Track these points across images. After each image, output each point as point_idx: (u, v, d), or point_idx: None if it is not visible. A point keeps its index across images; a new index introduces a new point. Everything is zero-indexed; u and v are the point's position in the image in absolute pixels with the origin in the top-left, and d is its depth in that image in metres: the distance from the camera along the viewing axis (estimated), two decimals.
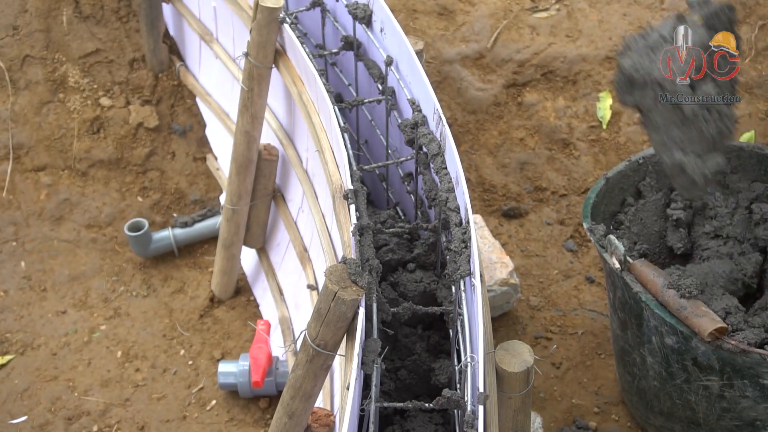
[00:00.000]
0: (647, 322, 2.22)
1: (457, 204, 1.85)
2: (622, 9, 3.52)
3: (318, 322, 1.62)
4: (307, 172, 2.59)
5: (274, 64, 2.50)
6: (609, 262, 2.25)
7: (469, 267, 1.71)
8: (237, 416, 2.74)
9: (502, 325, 2.98)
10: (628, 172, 2.58)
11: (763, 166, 2.56)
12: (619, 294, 2.33)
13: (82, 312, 3.08)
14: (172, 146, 3.46)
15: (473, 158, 3.44)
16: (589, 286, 3.13)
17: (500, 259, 2.93)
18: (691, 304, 2.10)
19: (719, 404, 2.18)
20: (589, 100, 3.44)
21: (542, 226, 3.34)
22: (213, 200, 3.42)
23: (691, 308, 2.10)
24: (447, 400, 1.55)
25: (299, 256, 2.69)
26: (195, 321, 3.03)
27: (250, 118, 2.61)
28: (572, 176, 3.40)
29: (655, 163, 2.59)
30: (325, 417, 1.83)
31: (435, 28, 3.49)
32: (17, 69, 3.38)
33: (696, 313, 2.08)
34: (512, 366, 1.65)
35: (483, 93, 3.46)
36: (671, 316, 2.12)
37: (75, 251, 3.27)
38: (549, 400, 2.76)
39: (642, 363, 2.35)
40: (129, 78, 3.46)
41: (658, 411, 2.41)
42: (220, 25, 3.01)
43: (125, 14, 3.48)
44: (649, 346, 2.26)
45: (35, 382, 2.83)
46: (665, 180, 2.60)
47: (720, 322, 2.05)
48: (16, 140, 3.36)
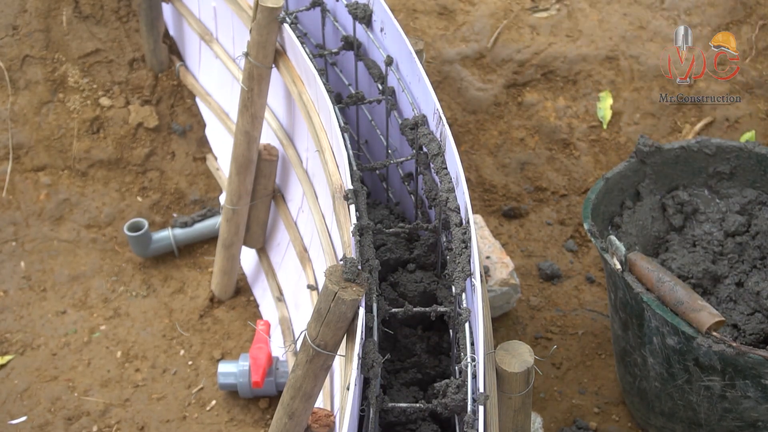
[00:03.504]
0: (648, 322, 2.21)
1: (457, 204, 1.84)
2: (622, 9, 3.52)
3: (318, 322, 1.62)
4: (307, 172, 2.59)
5: (274, 64, 2.50)
6: (610, 262, 2.25)
7: (469, 267, 1.71)
8: (237, 416, 2.74)
9: (502, 325, 2.97)
10: (628, 173, 2.58)
11: (762, 166, 2.56)
12: (620, 294, 2.32)
13: (81, 312, 3.08)
14: (171, 146, 3.46)
15: (473, 158, 3.43)
16: (589, 286, 3.13)
17: (500, 259, 2.92)
18: (688, 296, 2.09)
19: (721, 404, 2.18)
20: (590, 100, 3.44)
21: (542, 226, 3.34)
22: (213, 200, 3.41)
23: (688, 302, 2.09)
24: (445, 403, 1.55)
25: (299, 256, 2.68)
26: (195, 321, 3.03)
27: (250, 118, 2.61)
28: (572, 176, 3.40)
29: (653, 163, 2.59)
30: (325, 417, 1.82)
31: (435, 28, 3.49)
32: (17, 69, 3.37)
33: (693, 308, 2.07)
34: (512, 366, 1.65)
35: (483, 93, 3.45)
36: (673, 316, 2.11)
37: (75, 251, 3.27)
38: (549, 400, 2.76)
39: (643, 364, 2.35)
40: (129, 78, 3.46)
41: (659, 412, 2.41)
42: (220, 25, 3.01)
43: (125, 14, 3.48)
44: (650, 346, 2.26)
45: (35, 382, 2.83)
46: (664, 181, 2.60)
47: (718, 315, 2.05)
48: (16, 140, 3.35)
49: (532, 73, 3.45)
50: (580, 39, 3.48)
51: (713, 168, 2.60)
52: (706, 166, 2.60)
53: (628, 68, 3.45)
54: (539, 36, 3.49)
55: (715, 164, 2.60)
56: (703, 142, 2.59)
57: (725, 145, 2.59)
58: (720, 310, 2.33)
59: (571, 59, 3.45)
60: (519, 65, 3.46)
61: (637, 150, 2.55)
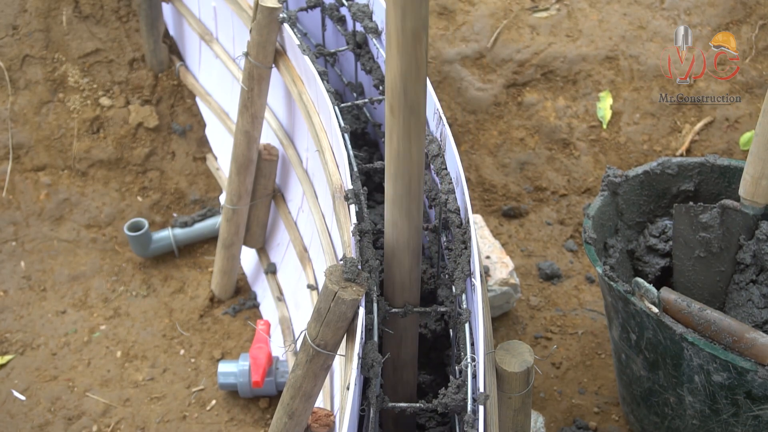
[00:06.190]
0: (688, 361, 2.10)
1: (457, 205, 1.84)
2: (622, 9, 3.52)
3: (318, 322, 1.62)
4: (307, 172, 2.59)
5: (274, 64, 2.50)
6: (640, 306, 2.14)
7: (469, 267, 1.71)
8: (237, 416, 2.74)
9: (502, 325, 2.97)
10: (604, 207, 2.47)
11: (726, 178, 2.49)
12: (648, 335, 2.20)
13: (81, 312, 3.08)
14: (171, 146, 3.46)
15: (473, 158, 3.43)
16: (589, 285, 3.13)
17: (500, 259, 2.93)
18: (739, 326, 1.99)
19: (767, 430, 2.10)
20: (589, 100, 3.44)
21: (542, 226, 3.34)
22: (213, 200, 3.41)
23: (739, 333, 1.98)
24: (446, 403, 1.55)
25: (299, 256, 2.69)
26: (195, 321, 3.03)
27: (250, 118, 2.61)
28: (572, 176, 3.40)
29: (623, 192, 2.51)
30: (325, 417, 1.82)
31: (435, 27, 3.49)
32: (17, 69, 3.37)
33: (749, 341, 1.97)
34: (512, 366, 1.65)
35: (483, 93, 3.45)
36: (725, 353, 2.00)
37: (75, 251, 3.27)
38: (549, 400, 2.76)
39: (678, 403, 2.23)
40: (129, 78, 3.46)
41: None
42: (220, 24, 3.01)
43: (125, 14, 3.48)
44: (690, 385, 2.14)
45: (35, 382, 2.83)
46: (632, 209, 2.51)
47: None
48: (16, 140, 3.35)
49: (532, 73, 3.45)
50: (580, 39, 3.48)
51: (677, 188, 2.53)
52: (669, 187, 2.53)
53: (627, 68, 3.45)
54: (539, 36, 3.49)
55: (679, 183, 2.52)
56: (665, 163, 2.51)
57: (686, 162, 2.51)
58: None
59: (571, 59, 3.45)
60: (519, 65, 3.46)
61: (608, 183, 2.46)
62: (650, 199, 2.54)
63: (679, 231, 2.40)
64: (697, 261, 2.40)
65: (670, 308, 2.12)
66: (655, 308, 2.11)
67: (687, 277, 2.43)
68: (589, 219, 2.39)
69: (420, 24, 1.34)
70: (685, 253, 2.41)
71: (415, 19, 1.32)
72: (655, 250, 2.49)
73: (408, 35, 1.34)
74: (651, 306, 2.11)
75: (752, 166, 2.21)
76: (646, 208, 2.55)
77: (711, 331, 2.04)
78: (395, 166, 1.54)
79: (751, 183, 2.23)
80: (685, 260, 2.42)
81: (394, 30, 1.34)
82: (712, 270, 2.38)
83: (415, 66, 1.38)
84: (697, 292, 2.42)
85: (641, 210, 2.54)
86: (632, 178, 2.50)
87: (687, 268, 2.42)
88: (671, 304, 2.10)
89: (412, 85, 1.41)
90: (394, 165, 1.54)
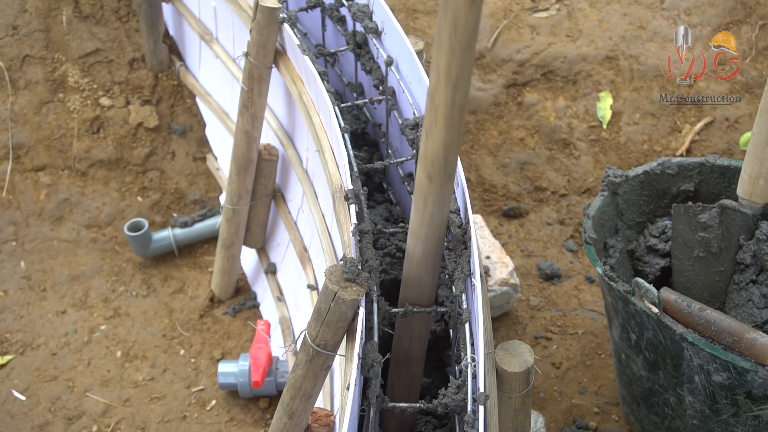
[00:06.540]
0: (688, 361, 2.10)
1: (457, 205, 1.85)
2: (622, 9, 3.52)
3: (318, 322, 1.62)
4: (307, 172, 2.59)
5: (274, 64, 2.50)
6: (641, 306, 2.14)
7: (469, 267, 1.71)
8: (237, 416, 2.74)
9: (502, 325, 2.97)
10: (604, 207, 2.46)
11: (726, 178, 2.49)
12: (648, 335, 2.20)
13: (82, 312, 3.08)
14: (171, 146, 3.46)
15: (473, 158, 3.44)
16: (589, 285, 3.13)
17: (500, 259, 2.93)
18: (739, 326, 1.98)
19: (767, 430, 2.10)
20: (589, 100, 3.44)
21: (542, 226, 3.34)
22: (213, 200, 3.41)
23: (739, 333, 1.98)
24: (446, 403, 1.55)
25: (299, 256, 2.69)
26: (195, 321, 3.03)
27: (250, 118, 2.61)
28: (572, 176, 3.40)
29: (623, 192, 2.51)
30: (325, 417, 1.82)
31: (435, 27, 3.49)
32: (17, 69, 3.37)
33: (746, 341, 1.96)
34: (512, 366, 1.65)
35: (483, 93, 3.45)
36: (725, 353, 2.00)
37: (75, 251, 3.27)
38: (549, 400, 2.76)
39: (678, 403, 2.23)
40: (129, 78, 3.46)
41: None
42: (220, 25, 3.01)
43: (125, 14, 3.48)
44: (690, 385, 2.14)
45: (35, 382, 2.83)
46: (633, 209, 2.50)
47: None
48: (16, 140, 3.35)
49: (532, 73, 3.45)
50: (580, 39, 3.48)
51: (677, 188, 2.53)
52: (669, 187, 2.53)
53: (627, 68, 3.45)
54: (539, 36, 3.49)
55: (679, 183, 2.52)
56: (665, 163, 2.50)
57: (686, 162, 2.51)
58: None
59: (571, 59, 3.45)
60: (519, 65, 3.46)
61: (608, 183, 2.46)
62: (650, 199, 2.54)
63: (678, 231, 2.40)
64: (696, 261, 2.40)
65: (670, 308, 2.11)
66: (655, 308, 2.11)
67: (686, 277, 2.43)
68: (589, 219, 2.39)
69: (466, 99, 1.38)
70: (684, 253, 2.40)
71: (464, 95, 1.36)
72: (655, 250, 2.49)
73: (456, 110, 1.37)
74: (651, 306, 2.11)
75: (750, 166, 2.21)
76: (646, 208, 2.55)
77: (711, 332, 2.03)
78: (427, 229, 1.57)
79: (748, 182, 2.23)
80: (685, 260, 2.41)
81: (443, 104, 1.37)
82: (711, 270, 2.38)
83: (457, 137, 1.42)
84: (696, 292, 2.42)
85: (641, 210, 2.54)
86: (632, 178, 2.50)
87: (686, 268, 2.42)
88: (671, 304, 2.10)
89: (453, 155, 1.44)
90: (426, 228, 1.57)
